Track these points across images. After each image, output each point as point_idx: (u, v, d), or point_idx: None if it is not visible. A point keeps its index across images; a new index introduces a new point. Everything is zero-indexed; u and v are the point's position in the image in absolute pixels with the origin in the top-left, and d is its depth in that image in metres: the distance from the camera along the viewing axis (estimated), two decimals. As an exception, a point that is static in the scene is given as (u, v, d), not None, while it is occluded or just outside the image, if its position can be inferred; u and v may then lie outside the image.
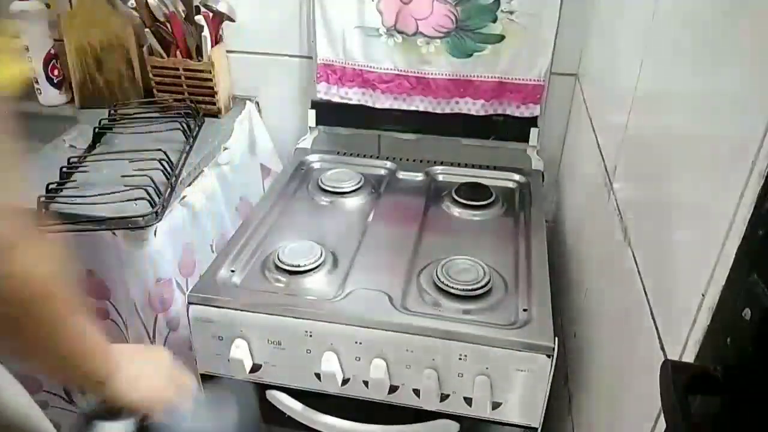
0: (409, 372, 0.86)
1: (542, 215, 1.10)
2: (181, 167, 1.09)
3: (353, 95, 1.27)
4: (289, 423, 0.94)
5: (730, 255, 0.41)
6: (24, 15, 1.25)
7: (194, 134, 1.19)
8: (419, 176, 1.25)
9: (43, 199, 0.96)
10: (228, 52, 1.31)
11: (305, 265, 0.94)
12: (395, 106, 1.26)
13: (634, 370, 0.63)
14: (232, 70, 1.34)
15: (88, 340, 0.58)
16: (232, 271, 0.95)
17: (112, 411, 0.65)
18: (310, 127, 1.32)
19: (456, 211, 1.13)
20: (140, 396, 0.65)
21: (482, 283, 0.90)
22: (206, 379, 0.96)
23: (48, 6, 1.28)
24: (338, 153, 1.31)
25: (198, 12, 1.22)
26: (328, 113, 1.31)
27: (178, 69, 1.25)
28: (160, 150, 1.06)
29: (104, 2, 1.27)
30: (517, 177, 1.22)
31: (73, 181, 1.03)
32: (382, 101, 1.26)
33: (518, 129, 1.24)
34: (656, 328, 0.56)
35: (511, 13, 1.14)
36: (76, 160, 1.08)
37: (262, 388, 0.94)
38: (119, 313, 1.08)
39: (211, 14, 1.22)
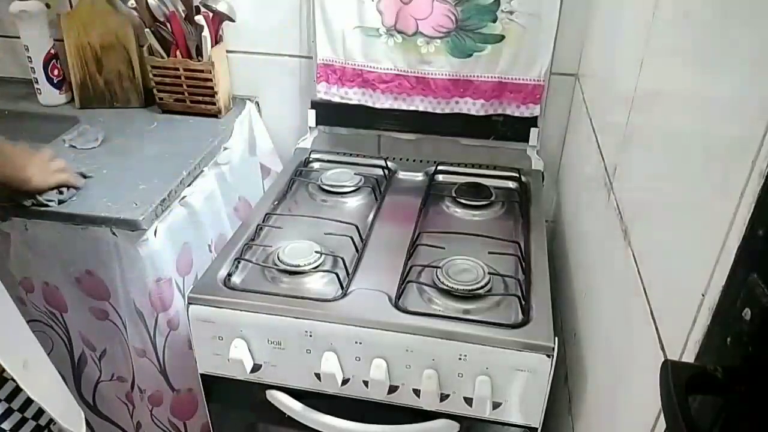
0: (409, 372, 0.86)
1: (542, 215, 1.10)
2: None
3: (353, 95, 1.27)
4: (289, 423, 0.94)
5: (730, 255, 0.41)
6: (24, 15, 1.25)
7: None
8: (419, 176, 1.25)
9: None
10: (228, 52, 1.31)
11: (305, 265, 0.94)
12: (395, 106, 1.26)
13: (634, 370, 0.63)
14: (232, 70, 1.34)
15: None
16: (232, 271, 0.95)
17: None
18: (310, 127, 1.32)
19: (456, 211, 1.13)
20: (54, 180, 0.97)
21: (482, 283, 0.90)
22: (206, 379, 0.96)
23: (48, 6, 1.28)
24: (338, 153, 1.31)
25: (198, 12, 1.22)
26: (328, 113, 1.31)
27: (178, 69, 1.25)
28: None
29: (104, 2, 1.27)
30: (517, 177, 1.22)
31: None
32: (382, 101, 1.26)
33: (518, 129, 1.24)
34: (656, 328, 0.56)
35: (511, 13, 1.14)
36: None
37: (262, 388, 0.94)
38: (118, 314, 1.08)
39: (211, 14, 1.22)
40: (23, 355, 0.82)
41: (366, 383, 0.88)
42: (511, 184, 1.22)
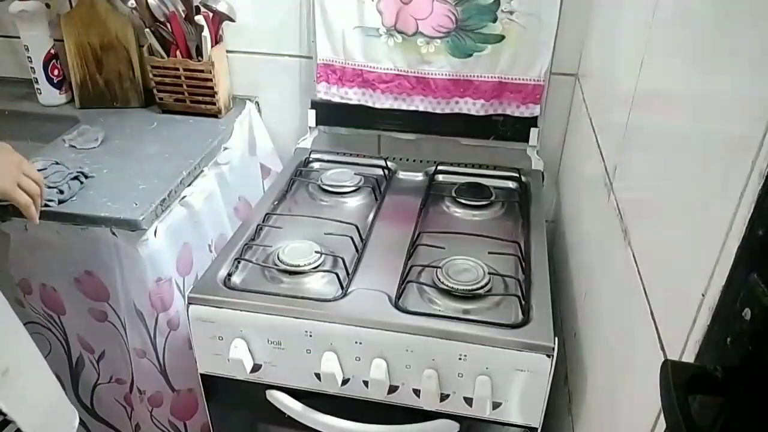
0: (409, 372, 0.86)
1: (542, 215, 1.10)
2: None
3: (353, 95, 1.27)
4: (289, 423, 0.94)
5: (730, 255, 0.41)
6: (24, 15, 1.25)
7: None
8: (419, 176, 1.25)
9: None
10: (228, 52, 1.31)
11: (305, 265, 0.94)
12: (395, 106, 1.26)
13: (634, 370, 0.63)
14: (232, 70, 1.34)
15: None
16: (232, 271, 0.95)
17: None
18: (310, 127, 1.32)
19: (456, 211, 1.13)
20: None
21: (482, 283, 0.90)
22: (206, 379, 0.96)
23: (48, 6, 1.28)
24: (338, 153, 1.31)
25: (198, 12, 1.22)
26: (328, 113, 1.31)
27: (178, 69, 1.25)
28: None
29: (104, 2, 1.27)
30: (517, 177, 1.22)
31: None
32: (382, 101, 1.26)
33: (518, 129, 1.24)
34: (656, 328, 0.56)
35: (511, 13, 1.14)
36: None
37: (262, 388, 0.94)
38: (117, 315, 1.08)
39: (211, 14, 1.22)
40: (5, 362, 0.81)
41: (366, 383, 0.88)
42: (511, 184, 1.22)
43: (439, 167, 1.25)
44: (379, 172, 1.23)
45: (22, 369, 0.85)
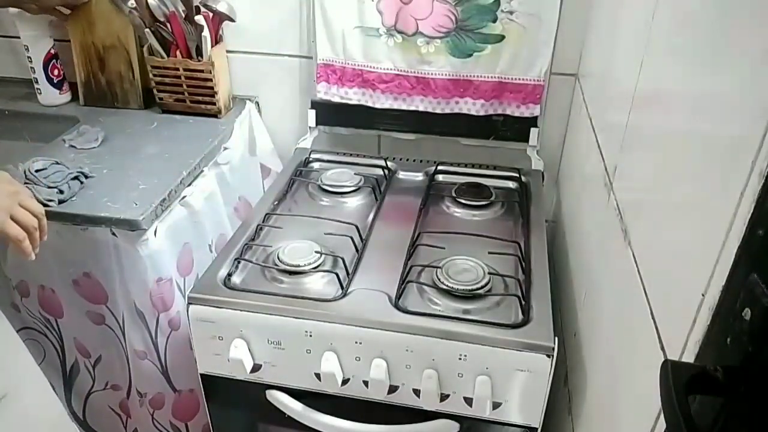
0: (409, 372, 0.86)
1: (542, 215, 1.10)
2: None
3: (353, 95, 1.27)
4: (289, 423, 0.94)
5: (730, 255, 0.41)
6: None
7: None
8: (419, 176, 1.25)
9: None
10: (228, 52, 1.31)
11: (305, 265, 0.94)
12: (395, 106, 1.26)
13: (634, 370, 0.63)
14: (232, 70, 1.34)
15: None
16: (232, 271, 0.95)
17: None
18: (310, 127, 1.32)
19: (456, 211, 1.13)
20: None
21: (482, 283, 0.90)
22: (206, 379, 0.96)
23: (48, 6, 1.28)
24: (338, 153, 1.31)
25: (198, 12, 1.22)
26: (328, 113, 1.31)
27: (178, 69, 1.25)
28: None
29: (107, 3, 1.26)
30: (517, 177, 1.22)
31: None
32: (382, 101, 1.26)
33: (518, 129, 1.24)
34: (656, 328, 0.56)
35: (511, 13, 1.14)
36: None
37: (262, 388, 0.94)
38: (115, 318, 1.07)
39: (211, 14, 1.22)
40: (4, 387, 0.80)
41: (366, 383, 0.88)
42: (511, 184, 1.22)
43: (439, 167, 1.25)
44: (379, 172, 1.23)
45: (22, 392, 0.84)
